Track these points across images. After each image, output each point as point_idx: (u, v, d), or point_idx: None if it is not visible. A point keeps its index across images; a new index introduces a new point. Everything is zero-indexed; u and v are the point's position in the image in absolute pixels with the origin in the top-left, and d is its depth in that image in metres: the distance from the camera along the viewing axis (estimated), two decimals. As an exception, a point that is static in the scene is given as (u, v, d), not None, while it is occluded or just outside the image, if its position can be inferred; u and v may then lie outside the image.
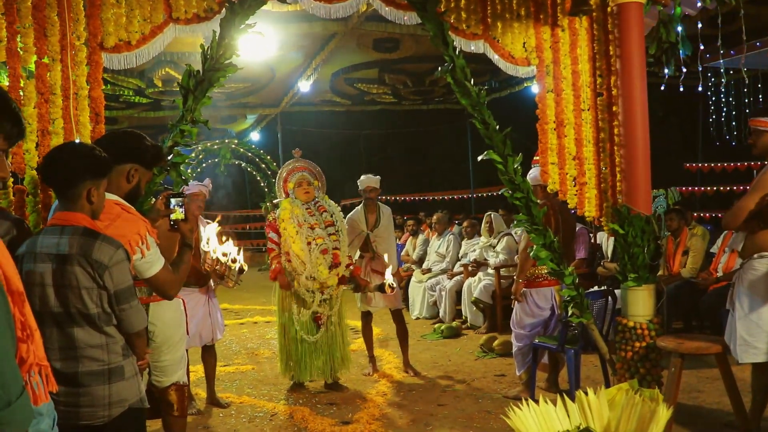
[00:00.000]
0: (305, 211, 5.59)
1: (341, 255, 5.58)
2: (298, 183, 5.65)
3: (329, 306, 5.59)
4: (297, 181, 5.66)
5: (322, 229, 5.55)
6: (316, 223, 5.56)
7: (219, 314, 5.40)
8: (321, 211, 5.67)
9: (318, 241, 5.47)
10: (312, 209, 5.65)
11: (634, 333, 4.55)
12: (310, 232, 5.49)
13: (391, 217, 6.53)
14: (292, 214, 5.51)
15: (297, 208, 5.57)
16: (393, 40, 9.52)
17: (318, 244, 5.46)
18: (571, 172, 4.86)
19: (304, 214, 5.56)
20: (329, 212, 5.69)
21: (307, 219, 5.55)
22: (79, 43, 3.81)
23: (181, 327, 3.74)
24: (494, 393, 5.51)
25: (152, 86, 10.19)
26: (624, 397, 2.37)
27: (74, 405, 2.52)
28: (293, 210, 5.54)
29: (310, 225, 5.52)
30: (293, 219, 5.49)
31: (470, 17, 4.59)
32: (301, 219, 5.53)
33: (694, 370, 5.61)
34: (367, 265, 6.35)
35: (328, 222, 5.62)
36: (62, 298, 2.49)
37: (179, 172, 3.77)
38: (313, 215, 5.61)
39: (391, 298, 6.17)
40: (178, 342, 3.65)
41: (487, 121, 4.36)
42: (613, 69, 4.75)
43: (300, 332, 5.50)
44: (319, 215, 5.64)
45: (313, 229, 5.51)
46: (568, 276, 4.59)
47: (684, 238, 7.21)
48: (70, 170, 2.54)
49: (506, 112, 7.26)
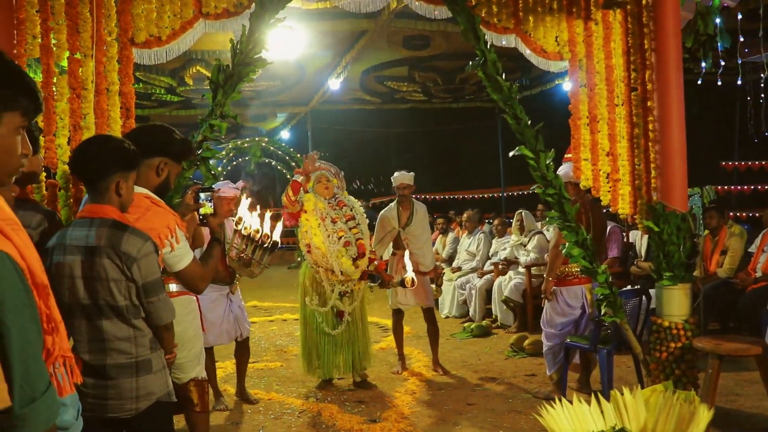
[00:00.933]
0: (327, 206, 5.62)
1: (366, 244, 5.60)
2: (318, 180, 5.68)
3: (350, 301, 5.58)
4: (317, 178, 5.69)
5: (343, 223, 5.59)
6: (337, 217, 5.60)
7: (242, 310, 5.41)
8: (341, 206, 5.71)
9: (339, 234, 5.50)
10: (333, 203, 5.69)
11: (669, 333, 4.44)
12: (332, 226, 5.52)
13: (427, 215, 6.46)
14: (315, 207, 5.54)
15: (320, 202, 5.60)
16: (423, 38, 9.48)
17: (339, 236, 5.49)
18: (604, 168, 4.76)
19: (326, 207, 5.60)
20: (349, 206, 5.73)
21: (329, 213, 5.59)
22: (111, 38, 3.84)
23: (194, 323, 3.73)
24: (524, 393, 5.43)
25: (183, 84, 10.29)
26: (661, 398, 2.30)
27: (102, 397, 2.52)
28: (317, 203, 5.58)
29: (332, 218, 5.56)
30: (316, 212, 5.52)
31: (501, 11, 4.52)
32: (324, 213, 5.56)
33: (731, 373, 5.46)
34: (399, 262, 6.25)
35: (348, 216, 5.66)
36: (91, 291, 2.49)
37: (208, 167, 3.77)
38: (334, 209, 5.65)
39: (422, 295, 6.15)
40: (192, 338, 3.65)
41: (518, 116, 4.30)
42: (648, 63, 4.64)
43: (321, 324, 5.52)
44: (339, 210, 5.68)
45: (334, 222, 5.55)
46: (601, 274, 4.49)
47: (723, 237, 7.04)
48: (99, 163, 2.55)
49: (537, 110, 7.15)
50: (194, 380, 3.71)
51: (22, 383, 1.42)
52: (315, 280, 5.56)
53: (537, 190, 4.52)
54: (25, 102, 1.54)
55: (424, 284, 6.18)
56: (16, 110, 1.52)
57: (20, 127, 1.55)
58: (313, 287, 5.58)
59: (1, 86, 1.41)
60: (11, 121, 1.51)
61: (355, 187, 17.48)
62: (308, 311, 5.61)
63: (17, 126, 1.54)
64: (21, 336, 1.44)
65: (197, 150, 3.73)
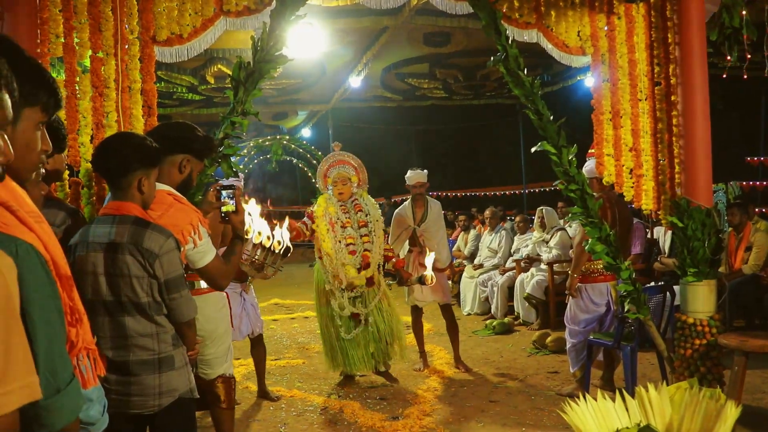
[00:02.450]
0: (339, 209, 5.50)
1: (372, 257, 5.48)
2: (334, 181, 5.55)
3: (363, 304, 5.49)
4: (333, 179, 5.56)
5: (354, 229, 5.48)
6: (349, 222, 5.48)
7: (254, 307, 5.42)
8: (357, 210, 5.57)
9: (348, 241, 5.41)
10: (347, 207, 5.56)
11: (694, 330, 4.39)
12: (341, 231, 5.43)
13: (441, 212, 6.42)
14: (325, 212, 5.44)
15: (332, 206, 5.49)
16: (444, 34, 9.43)
17: (347, 244, 5.40)
18: (627, 163, 4.71)
19: (337, 212, 5.48)
20: (365, 212, 5.57)
21: (340, 217, 5.47)
22: (132, 36, 3.87)
23: (225, 320, 3.76)
24: (547, 390, 5.40)
25: (205, 83, 10.33)
26: (687, 395, 2.26)
27: (125, 394, 2.54)
28: (327, 207, 5.47)
29: (342, 224, 5.45)
30: (326, 216, 5.42)
31: (523, 6, 4.48)
32: (334, 217, 5.45)
33: (758, 370, 5.38)
34: (415, 259, 6.25)
35: (361, 222, 5.52)
36: (114, 287, 2.51)
37: (230, 164, 3.78)
38: (347, 213, 5.52)
39: (439, 292, 6.12)
40: (222, 335, 3.67)
41: (540, 112, 4.26)
42: (671, 57, 4.59)
43: (340, 327, 5.46)
44: (353, 214, 5.54)
45: (344, 228, 5.44)
46: (625, 270, 4.45)
47: (747, 233, 6.94)
48: (121, 160, 2.57)
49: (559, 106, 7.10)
50: (222, 377, 3.74)
51: (47, 374, 1.43)
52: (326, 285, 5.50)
53: (559, 186, 4.48)
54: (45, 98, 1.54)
55: (441, 281, 6.15)
56: (36, 105, 1.53)
57: (40, 122, 1.56)
58: (326, 292, 5.53)
59: (21, 82, 1.42)
60: (31, 116, 1.52)
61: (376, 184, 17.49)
62: (323, 314, 5.58)
63: (37, 121, 1.55)
64: (46, 328, 1.45)
65: (219, 147, 3.75)
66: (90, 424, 1.98)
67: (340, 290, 5.43)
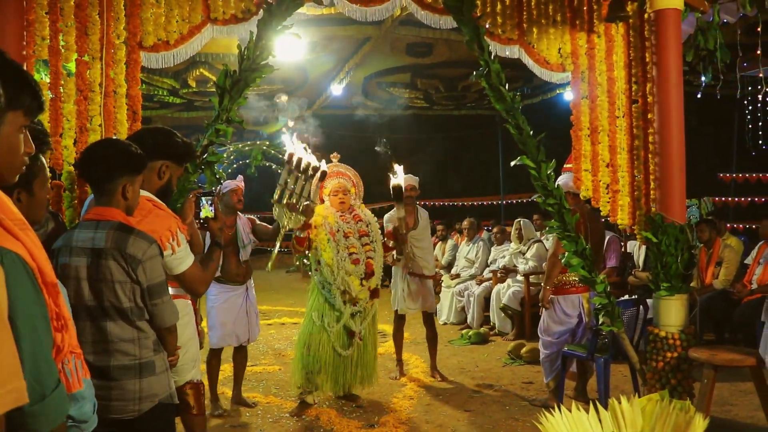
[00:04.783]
0: (339, 219, 5.29)
1: (375, 265, 5.31)
2: (334, 191, 5.36)
3: (361, 319, 5.28)
4: (333, 189, 5.37)
5: (355, 239, 5.27)
6: (350, 232, 5.26)
7: (256, 314, 5.42)
8: (356, 220, 5.37)
9: (351, 250, 5.18)
10: (347, 217, 5.36)
11: (665, 343, 4.48)
12: (343, 241, 5.20)
13: (428, 220, 6.46)
14: (324, 221, 5.21)
15: (331, 216, 5.27)
16: (426, 45, 9.54)
17: (350, 253, 5.18)
18: (604, 179, 4.81)
19: (337, 221, 5.26)
20: (365, 221, 5.40)
21: (341, 227, 5.25)
22: (119, 41, 3.88)
23: (190, 326, 3.76)
24: (521, 400, 5.47)
25: (186, 87, 10.32)
26: (657, 407, 2.33)
27: (105, 398, 2.53)
28: (327, 217, 5.25)
29: (344, 234, 5.23)
30: (326, 226, 5.19)
31: (506, 22, 4.57)
32: (335, 227, 5.22)
33: (726, 383, 5.50)
34: (404, 269, 6.22)
35: (362, 232, 5.33)
36: (96, 292, 2.52)
37: (213, 171, 3.81)
38: (348, 223, 5.32)
39: (428, 300, 6.23)
40: (188, 341, 3.67)
41: (521, 127, 4.34)
42: (649, 76, 4.70)
43: (334, 343, 5.16)
44: (353, 224, 5.34)
45: (346, 237, 5.22)
46: (599, 284, 4.54)
47: (717, 248, 7.09)
48: (107, 166, 2.58)
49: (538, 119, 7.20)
50: (190, 383, 3.74)
51: (33, 381, 1.45)
52: (326, 299, 5.21)
53: (538, 200, 4.56)
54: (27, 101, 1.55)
55: (428, 288, 6.26)
56: (19, 109, 1.53)
57: (23, 125, 1.57)
58: (325, 306, 5.21)
59: (4, 85, 1.43)
60: (14, 120, 1.52)
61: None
62: (315, 329, 5.21)
63: (20, 125, 1.56)
64: (32, 336, 1.47)
65: (203, 154, 3.77)
66: (83, 422, 2.00)
67: (342, 304, 5.17)
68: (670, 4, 4.44)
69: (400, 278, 6.22)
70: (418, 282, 6.21)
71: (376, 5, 4.29)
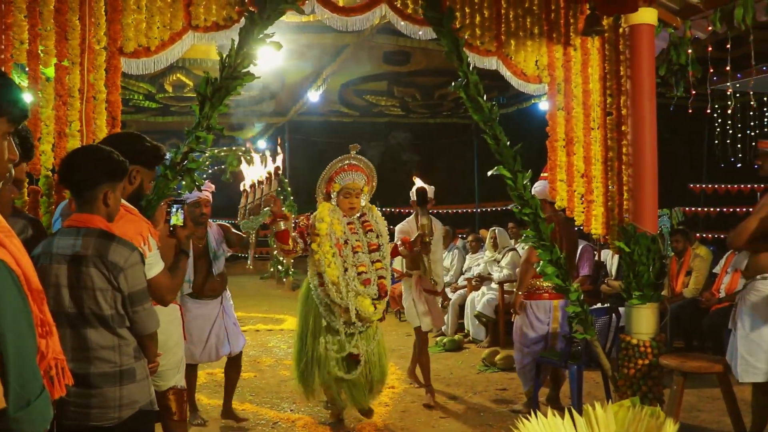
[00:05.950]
0: (347, 228, 4.51)
1: (388, 284, 4.64)
2: (346, 192, 4.54)
3: (366, 342, 4.62)
4: (345, 188, 4.55)
5: (365, 254, 4.50)
6: (359, 246, 4.49)
7: (235, 324, 5.12)
8: (367, 229, 4.60)
9: (360, 269, 4.41)
10: (356, 225, 4.58)
11: (637, 350, 4.57)
12: (351, 256, 4.43)
13: (442, 231, 6.07)
14: (330, 229, 4.40)
15: (337, 223, 4.46)
16: (404, 53, 9.62)
17: (360, 272, 4.41)
18: (579, 189, 4.90)
19: (345, 231, 4.48)
20: (375, 232, 4.61)
21: (350, 239, 4.47)
22: (99, 47, 3.87)
23: (177, 331, 3.78)
24: (496, 407, 5.53)
25: (162, 91, 10.27)
26: (630, 413, 2.40)
27: (85, 406, 2.53)
28: (333, 224, 4.43)
29: (352, 247, 4.46)
30: (331, 236, 4.39)
31: (484, 34, 4.64)
32: (341, 237, 4.45)
33: (695, 389, 5.62)
34: (417, 284, 5.75)
35: (373, 245, 4.56)
36: (77, 299, 2.52)
37: (193, 178, 3.81)
38: (356, 233, 4.54)
39: (439, 317, 5.93)
40: (173, 346, 3.69)
41: (498, 137, 4.41)
42: (623, 89, 4.81)
43: (334, 368, 4.51)
44: (363, 234, 4.57)
45: (355, 252, 4.45)
46: (573, 292, 4.62)
47: (688, 258, 7.25)
48: (89, 173, 2.59)
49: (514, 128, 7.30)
50: (173, 389, 3.75)
51: (18, 388, 1.46)
52: (326, 321, 4.51)
53: (514, 210, 4.63)
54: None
55: (438, 305, 5.98)
56: (3, 116, 1.55)
57: (7, 132, 1.59)
58: (324, 327, 4.52)
59: None
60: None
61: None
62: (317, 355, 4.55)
63: (4, 132, 1.57)
64: (17, 342, 1.48)
65: (183, 161, 3.78)
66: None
67: (346, 326, 4.48)
68: (644, 20, 4.56)
69: (415, 294, 5.73)
70: (431, 298, 5.81)
71: (358, 15, 4.33)
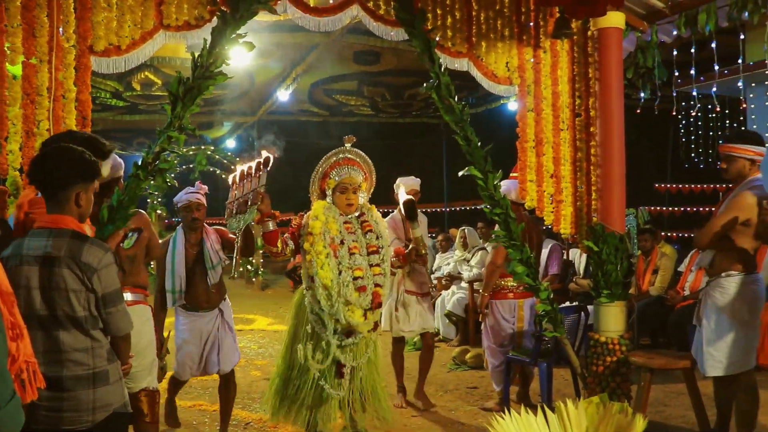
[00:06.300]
0: (344, 227, 3.99)
1: (384, 294, 4.06)
2: (342, 188, 4.03)
3: (353, 354, 4.00)
4: (341, 183, 4.04)
5: (362, 257, 3.96)
6: (356, 247, 3.96)
7: (233, 339, 4.71)
8: (366, 229, 4.06)
9: (356, 274, 3.88)
10: (353, 225, 4.05)
11: (605, 348, 4.66)
12: (348, 259, 3.90)
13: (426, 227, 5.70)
14: (324, 228, 3.90)
15: (332, 221, 3.95)
16: (374, 53, 9.64)
17: (355, 277, 3.88)
18: (548, 189, 4.96)
19: (341, 231, 3.97)
20: (375, 233, 4.07)
21: (346, 239, 3.95)
22: (68, 45, 3.80)
23: (149, 333, 3.78)
24: (467, 405, 5.58)
25: (130, 89, 10.15)
26: (601, 409, 2.45)
27: (57, 410, 2.51)
28: (327, 223, 3.93)
29: (348, 248, 3.94)
30: (325, 235, 3.89)
31: (456, 36, 4.68)
32: (337, 238, 3.93)
33: (660, 385, 5.73)
34: (400, 282, 5.55)
35: (371, 247, 4.01)
36: (49, 301, 2.50)
37: (164, 179, 3.78)
38: (354, 234, 4.01)
39: (429, 318, 5.69)
40: (146, 347, 3.67)
41: (469, 138, 4.46)
42: (591, 91, 4.88)
43: (319, 380, 3.95)
44: (361, 236, 4.04)
45: (351, 254, 3.92)
46: (543, 291, 4.68)
47: (654, 257, 7.39)
48: (62, 173, 2.56)
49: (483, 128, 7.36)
50: (145, 390, 3.74)
51: None
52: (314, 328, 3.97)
53: (485, 210, 4.68)
54: None
55: (425, 306, 5.67)
56: None
57: None
58: (311, 333, 3.97)
59: None
60: None
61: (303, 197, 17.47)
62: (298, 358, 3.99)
63: None
64: None
65: (154, 161, 3.75)
66: None
67: (334, 335, 3.91)
68: (612, 24, 4.64)
69: (393, 296, 5.55)
70: (415, 300, 5.57)
71: (330, 15, 4.34)
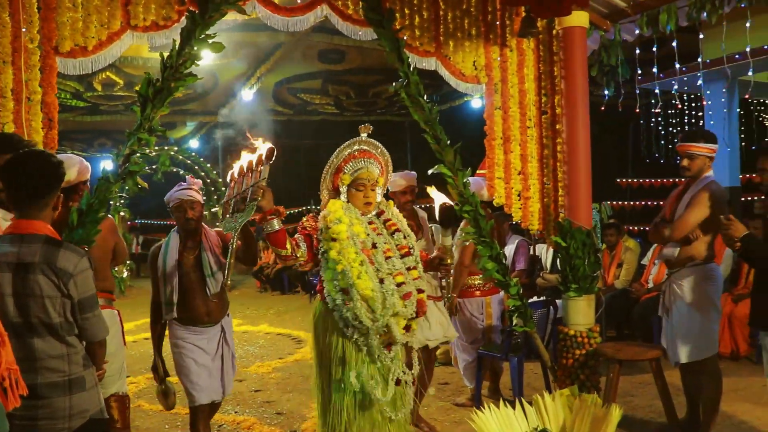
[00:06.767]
0: (369, 228, 3.36)
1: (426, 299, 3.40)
2: (359, 184, 3.35)
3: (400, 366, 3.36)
4: (357, 179, 3.35)
5: (399, 259, 3.34)
6: (389, 250, 3.33)
7: (233, 357, 4.16)
8: (391, 228, 3.43)
9: (398, 279, 3.25)
10: (377, 225, 3.42)
11: (574, 341, 4.75)
12: (385, 264, 3.26)
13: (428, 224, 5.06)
14: (350, 232, 3.24)
15: (357, 223, 3.31)
16: (338, 52, 9.64)
17: (399, 283, 3.24)
18: (516, 186, 5.04)
19: (368, 232, 3.34)
20: (403, 232, 3.43)
21: (377, 241, 3.33)
22: (33, 46, 3.73)
23: (116, 337, 3.75)
24: (439, 400, 5.62)
25: (91, 90, 9.98)
26: (576, 401, 2.52)
27: (31, 418, 2.47)
28: (352, 225, 3.28)
29: (384, 252, 3.29)
30: (353, 240, 3.22)
31: (423, 35, 4.72)
32: (368, 242, 3.31)
33: (628, 376, 5.86)
34: None
35: (403, 249, 3.38)
36: (22, 308, 2.46)
37: (135, 181, 3.75)
38: (381, 234, 3.38)
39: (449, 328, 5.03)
40: (114, 353, 3.64)
41: (438, 137, 4.50)
42: (557, 89, 4.97)
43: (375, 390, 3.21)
44: (388, 236, 3.41)
45: (387, 258, 3.28)
46: (513, 287, 4.75)
47: (619, 251, 7.55)
48: (46, 180, 2.54)
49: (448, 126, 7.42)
50: (115, 396, 3.71)
51: None
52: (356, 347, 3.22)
53: (455, 207, 4.72)
54: None
55: (439, 312, 4.95)
56: None
57: None
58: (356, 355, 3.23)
59: None
60: None
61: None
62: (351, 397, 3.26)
63: None
64: None
65: (124, 163, 3.71)
66: None
67: (381, 351, 3.25)
68: (577, 23, 4.73)
69: None
70: (433, 305, 4.84)
71: (298, 15, 4.35)
